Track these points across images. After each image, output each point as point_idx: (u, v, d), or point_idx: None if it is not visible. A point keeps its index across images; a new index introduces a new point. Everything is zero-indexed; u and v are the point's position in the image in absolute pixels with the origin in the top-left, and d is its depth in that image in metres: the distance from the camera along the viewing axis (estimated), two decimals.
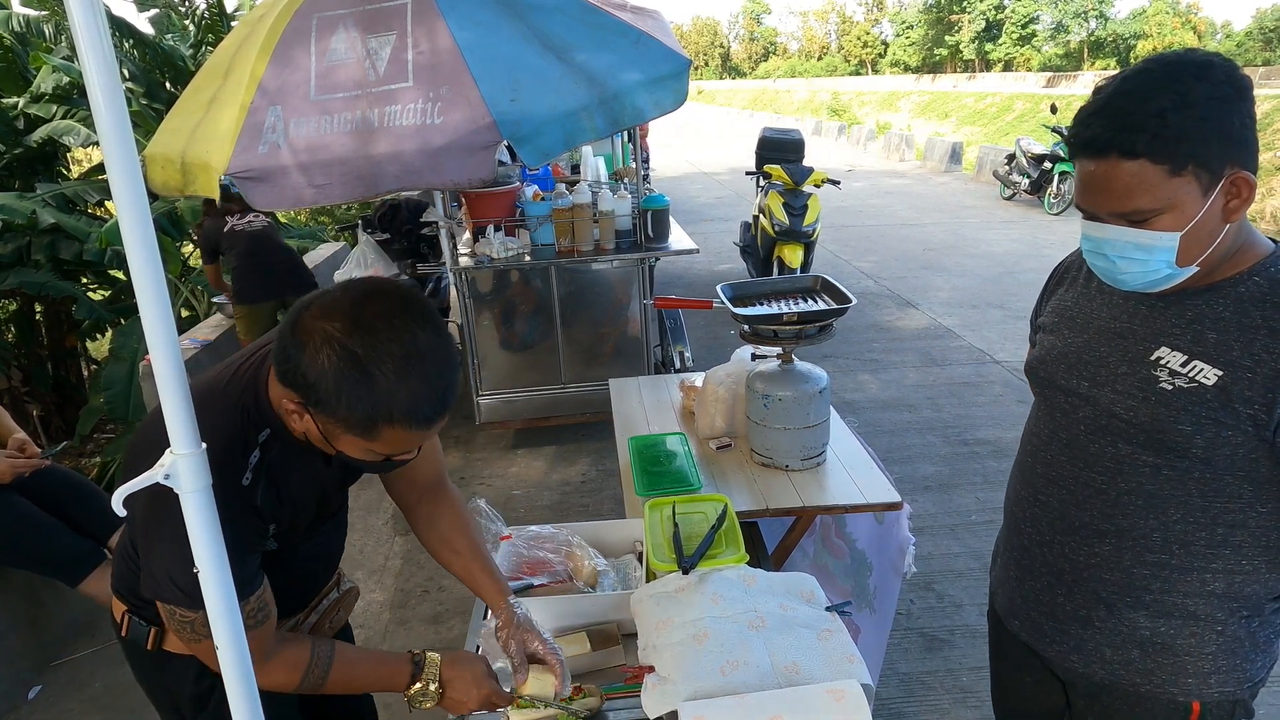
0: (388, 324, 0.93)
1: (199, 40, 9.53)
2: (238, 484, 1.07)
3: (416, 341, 0.94)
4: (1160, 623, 1.17)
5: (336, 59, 2.49)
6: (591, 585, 1.65)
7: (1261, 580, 1.13)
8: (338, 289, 0.97)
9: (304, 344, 0.93)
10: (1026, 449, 1.33)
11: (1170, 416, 1.08)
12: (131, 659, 1.31)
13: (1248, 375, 1.03)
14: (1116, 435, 1.15)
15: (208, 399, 1.07)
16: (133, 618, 1.26)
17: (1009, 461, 1.24)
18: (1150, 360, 1.11)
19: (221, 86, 2.59)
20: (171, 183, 2.51)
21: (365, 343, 0.91)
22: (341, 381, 0.92)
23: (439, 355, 0.96)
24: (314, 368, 0.92)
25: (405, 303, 0.96)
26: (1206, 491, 1.10)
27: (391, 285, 0.98)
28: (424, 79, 2.43)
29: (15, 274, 6.48)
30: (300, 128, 2.39)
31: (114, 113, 0.75)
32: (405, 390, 0.93)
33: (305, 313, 0.95)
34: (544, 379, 4.02)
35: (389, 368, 0.92)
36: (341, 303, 0.94)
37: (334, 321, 0.92)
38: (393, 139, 2.37)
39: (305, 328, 0.94)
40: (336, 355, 0.91)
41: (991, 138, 25.05)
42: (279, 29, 2.53)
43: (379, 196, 2.49)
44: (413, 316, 0.95)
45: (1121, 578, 1.18)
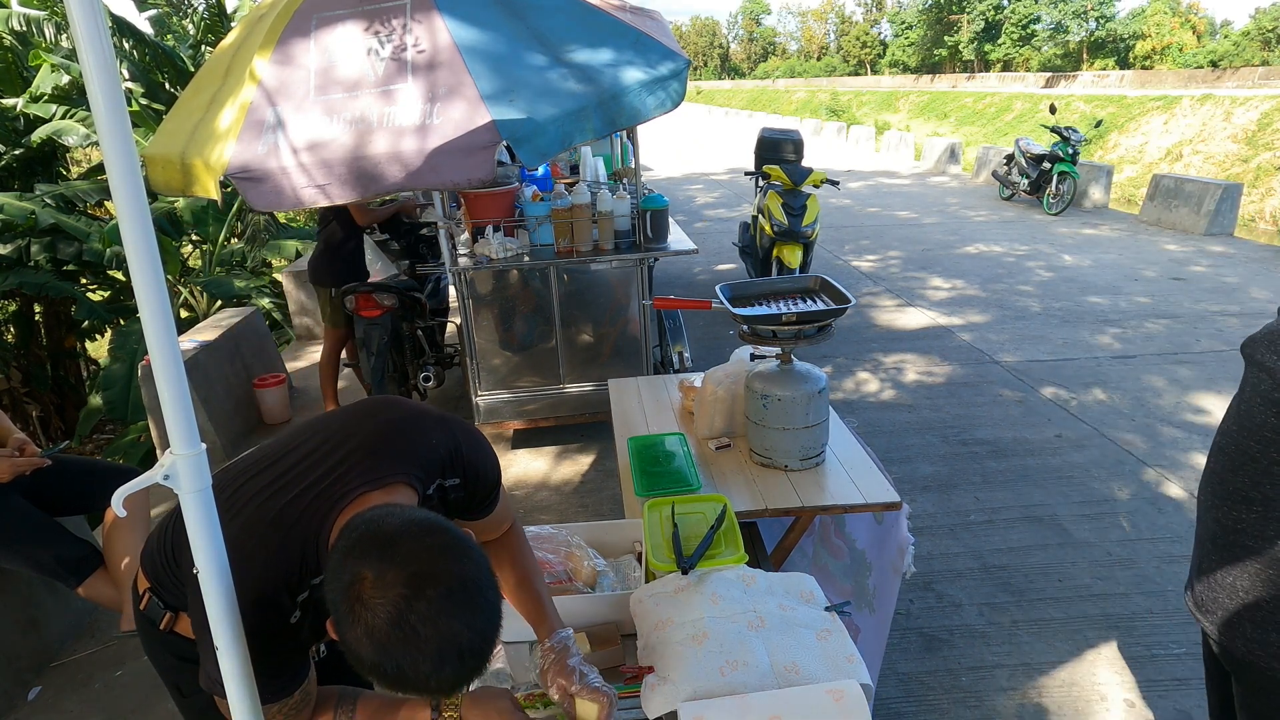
0: (431, 625, 0.92)
1: (199, 40, 9.53)
2: (285, 622, 1.09)
3: (456, 639, 0.93)
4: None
5: (336, 59, 2.49)
6: (591, 586, 1.65)
7: None
8: (393, 557, 0.94)
9: (349, 624, 0.93)
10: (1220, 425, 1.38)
11: None
12: (143, 631, 1.36)
13: None
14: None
15: (273, 531, 1.09)
16: (153, 596, 1.31)
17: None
18: None
19: (221, 86, 2.59)
20: (173, 183, 2.51)
21: (403, 645, 0.92)
22: (376, 667, 0.94)
23: (478, 647, 0.96)
24: (355, 645, 0.94)
25: (457, 592, 0.94)
26: None
27: (447, 564, 0.95)
28: (423, 79, 2.44)
29: (15, 274, 6.49)
30: (300, 127, 2.39)
31: (114, 113, 0.75)
32: (435, 682, 0.94)
33: (358, 584, 0.93)
34: (543, 379, 4.02)
35: (424, 666, 0.93)
36: (391, 591, 0.92)
37: (378, 616, 0.91)
38: (392, 139, 2.37)
39: (352, 606, 0.93)
40: (375, 648, 0.92)
41: (990, 138, 25.07)
42: (279, 29, 2.53)
43: (377, 196, 2.48)
44: (460, 610, 0.94)
45: (1264, 547, 1.21)
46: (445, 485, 1.23)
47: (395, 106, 2.40)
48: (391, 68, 2.46)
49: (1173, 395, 4.50)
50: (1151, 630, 2.65)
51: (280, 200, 2.38)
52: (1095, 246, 8.23)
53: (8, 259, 6.60)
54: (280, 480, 1.15)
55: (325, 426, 1.24)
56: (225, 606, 0.96)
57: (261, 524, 1.09)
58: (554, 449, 4.15)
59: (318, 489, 1.12)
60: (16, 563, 2.41)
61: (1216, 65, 35.24)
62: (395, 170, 2.34)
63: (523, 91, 2.43)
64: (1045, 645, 2.61)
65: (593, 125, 2.49)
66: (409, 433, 1.21)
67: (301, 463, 1.16)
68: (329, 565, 0.99)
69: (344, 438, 1.19)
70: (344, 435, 1.20)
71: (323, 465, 1.15)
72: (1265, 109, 17.53)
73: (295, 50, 2.51)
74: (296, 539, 1.09)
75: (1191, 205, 8.71)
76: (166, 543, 1.28)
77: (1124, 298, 6.37)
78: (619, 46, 2.68)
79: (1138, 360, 5.05)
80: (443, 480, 1.22)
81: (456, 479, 1.24)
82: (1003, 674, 2.49)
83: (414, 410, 1.26)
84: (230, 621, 0.97)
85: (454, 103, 2.39)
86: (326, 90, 2.45)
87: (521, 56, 2.52)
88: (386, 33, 2.50)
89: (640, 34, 2.74)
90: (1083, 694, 2.40)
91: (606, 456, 4.02)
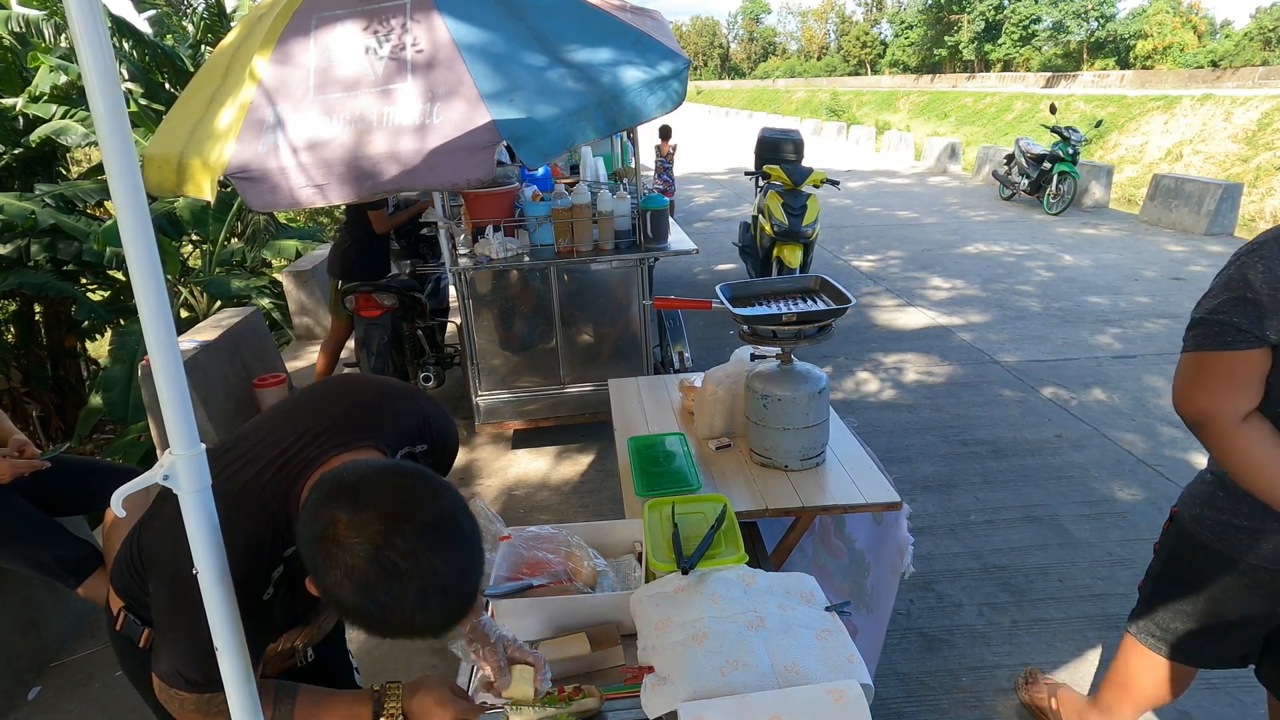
0: (411, 560, 0.90)
1: (198, 40, 9.53)
2: (258, 598, 1.08)
3: (438, 574, 0.92)
4: None
5: (336, 58, 2.49)
6: (591, 586, 1.65)
7: None
8: (366, 497, 0.93)
9: (327, 567, 0.92)
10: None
11: None
12: (120, 652, 1.34)
13: None
14: None
15: (240, 504, 1.07)
16: (128, 614, 1.28)
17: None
18: None
19: (221, 86, 2.59)
20: (166, 183, 2.51)
21: (385, 584, 0.90)
22: (360, 611, 0.93)
23: (459, 583, 0.95)
24: (335, 591, 0.93)
25: (433, 527, 0.93)
26: None
27: (422, 501, 0.94)
28: (423, 79, 2.44)
29: (15, 274, 6.49)
30: (299, 127, 2.39)
31: (113, 113, 0.75)
32: (421, 620, 0.93)
33: (332, 526, 0.92)
34: (543, 379, 4.02)
35: (408, 604, 0.91)
36: (366, 530, 0.91)
37: (356, 557, 0.90)
38: (391, 139, 2.36)
39: (328, 551, 0.92)
40: (357, 591, 0.91)
41: (990, 138, 25.08)
42: (279, 28, 2.53)
43: (376, 196, 2.48)
44: (438, 545, 0.93)
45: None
46: (415, 452, 1.25)
47: (395, 106, 2.40)
48: (391, 67, 2.46)
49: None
50: None
51: (278, 200, 2.38)
52: (1095, 246, 8.23)
53: (8, 259, 6.60)
54: (248, 455, 1.14)
55: (292, 403, 1.25)
56: (225, 607, 0.96)
57: (229, 496, 1.06)
58: (554, 449, 4.15)
59: (285, 458, 1.12)
60: (16, 563, 2.41)
61: (1217, 65, 35.24)
62: (394, 170, 2.34)
63: (523, 91, 2.43)
64: (1045, 645, 2.61)
65: (594, 125, 2.49)
66: (376, 403, 1.23)
67: (269, 437, 1.16)
68: (301, 520, 0.97)
69: (310, 410, 1.20)
70: (311, 409, 1.21)
71: (289, 436, 1.15)
72: (1265, 109, 17.53)
73: (295, 50, 2.51)
74: (266, 508, 1.08)
75: (1192, 205, 8.71)
76: (135, 557, 1.24)
77: (1124, 298, 6.37)
78: (619, 46, 2.67)
79: (1138, 360, 5.05)
80: (412, 448, 1.25)
81: (425, 445, 1.27)
82: (1003, 674, 2.49)
83: (380, 383, 1.29)
84: (230, 622, 0.97)
85: (454, 102, 2.39)
86: (326, 90, 2.45)
87: (521, 56, 2.52)
88: (386, 32, 2.50)
89: (640, 34, 2.74)
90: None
91: (606, 456, 4.02)
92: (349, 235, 4.57)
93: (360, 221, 4.49)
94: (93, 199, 7.30)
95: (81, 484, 2.47)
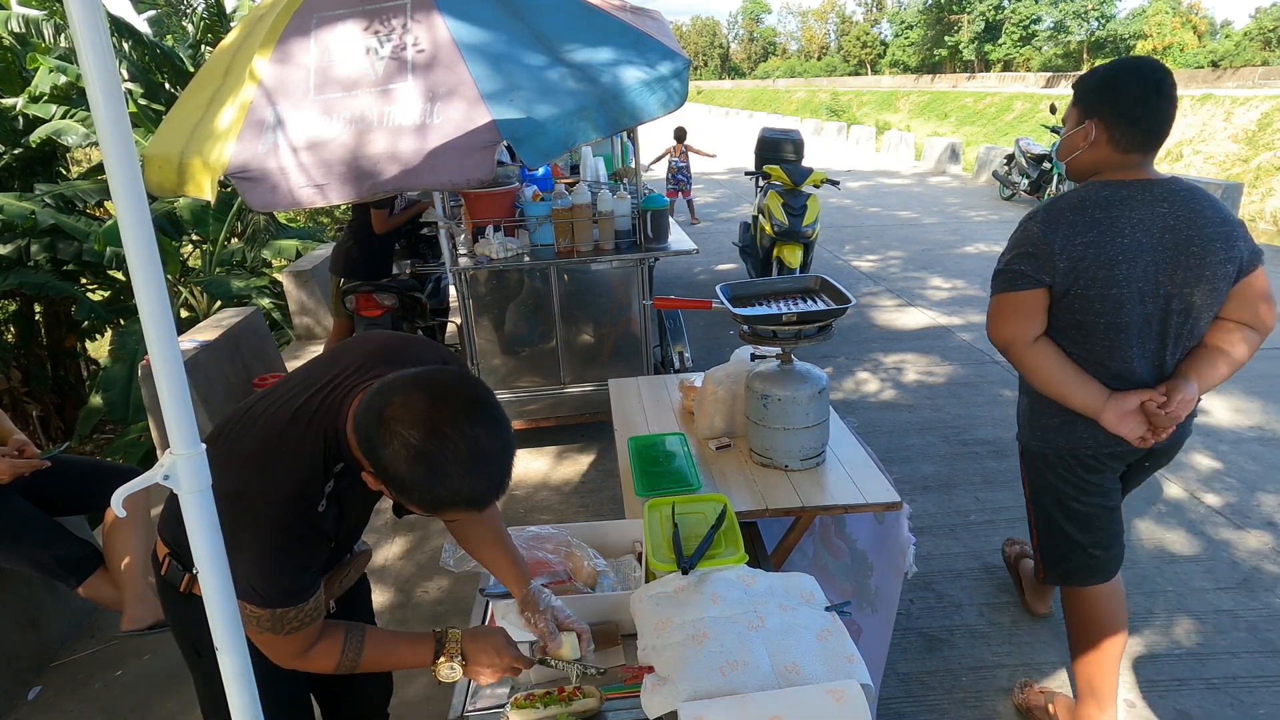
0: (457, 429, 1.05)
1: (198, 40, 9.53)
2: (313, 512, 1.20)
3: (480, 443, 1.07)
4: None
5: (336, 58, 2.49)
6: (591, 586, 1.65)
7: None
8: (415, 383, 1.09)
9: (385, 443, 1.05)
10: None
11: None
12: (164, 596, 1.46)
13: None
14: None
15: (293, 427, 1.21)
16: (173, 560, 1.40)
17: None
18: None
19: (221, 85, 2.59)
20: (166, 184, 2.51)
21: (436, 448, 1.04)
22: (416, 481, 1.06)
23: (500, 454, 1.10)
24: (393, 465, 1.05)
25: (474, 405, 1.09)
26: None
27: (462, 387, 1.10)
28: (423, 78, 2.43)
29: (15, 274, 6.49)
30: (300, 126, 2.39)
31: (114, 113, 0.75)
32: (468, 486, 1.07)
33: (387, 407, 1.06)
34: (544, 379, 4.02)
35: (456, 470, 1.05)
36: (418, 406, 1.05)
37: (411, 429, 1.04)
38: (391, 138, 2.36)
39: (386, 426, 1.05)
40: (412, 459, 1.04)
41: (990, 138, 25.08)
42: (279, 28, 2.53)
43: (376, 196, 2.48)
44: (479, 419, 1.08)
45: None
46: None
47: (395, 106, 2.40)
48: (391, 67, 2.46)
49: None
50: (1151, 630, 2.65)
51: (278, 200, 2.38)
52: None
53: (8, 259, 6.60)
54: (291, 392, 1.27)
55: (323, 356, 1.38)
56: (225, 607, 0.96)
57: (281, 423, 1.21)
58: (554, 449, 4.15)
59: (329, 389, 1.25)
60: (16, 563, 2.41)
61: (1217, 65, 35.23)
62: (395, 170, 2.34)
63: (523, 91, 2.42)
64: (1045, 645, 2.61)
65: (595, 125, 2.48)
66: (399, 347, 1.36)
67: (307, 378, 1.29)
68: (357, 416, 1.11)
69: (341, 355, 1.33)
70: (341, 354, 1.34)
71: (328, 374, 1.28)
72: (1265, 109, 17.52)
73: (295, 49, 2.51)
74: (316, 428, 1.20)
75: None
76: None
77: None
78: (619, 46, 2.67)
79: None
80: None
81: None
82: (1003, 674, 2.49)
83: (401, 334, 1.43)
84: (230, 621, 0.97)
85: (454, 102, 2.38)
86: (326, 89, 2.45)
87: (522, 56, 2.52)
88: (386, 32, 2.50)
89: (640, 33, 2.74)
90: None
91: (606, 456, 4.02)
92: (352, 234, 4.57)
93: (364, 220, 4.49)
94: (93, 199, 7.30)
95: (82, 484, 2.48)
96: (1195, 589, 2.85)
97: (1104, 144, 1.79)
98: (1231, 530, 3.20)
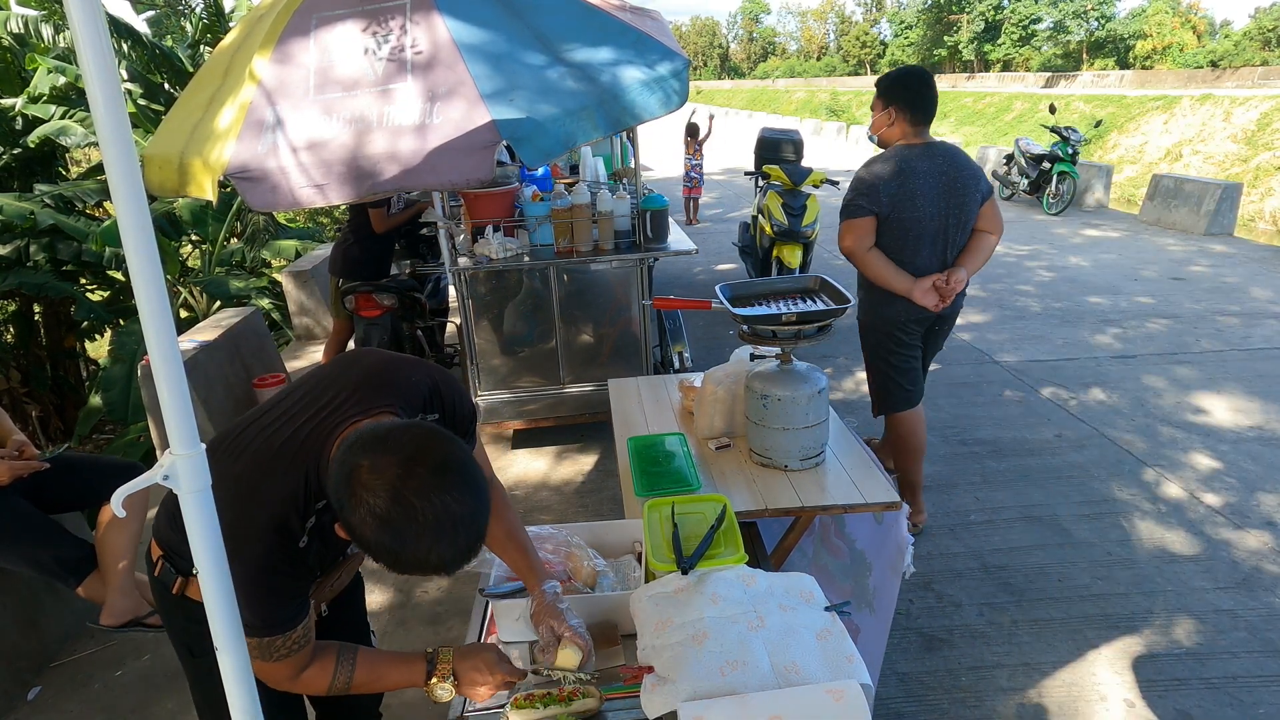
0: (424, 499, 1.02)
1: (196, 39, 9.52)
2: (294, 548, 1.19)
3: (449, 511, 1.03)
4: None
5: (336, 58, 2.49)
6: (591, 586, 1.65)
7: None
8: (385, 445, 1.05)
9: (352, 508, 1.03)
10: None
11: None
12: (157, 596, 1.47)
13: None
14: None
15: (276, 461, 1.20)
16: (165, 562, 1.40)
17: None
18: None
19: (221, 86, 2.59)
20: (167, 184, 2.51)
21: (402, 518, 1.01)
22: (382, 547, 1.04)
23: (470, 521, 1.06)
24: (359, 529, 1.04)
25: (445, 470, 1.04)
26: None
27: (433, 450, 1.06)
28: (423, 78, 2.43)
29: (14, 275, 6.48)
30: (299, 126, 2.38)
31: (113, 113, 0.75)
32: (435, 555, 1.04)
33: (356, 472, 1.04)
34: (543, 379, 4.02)
35: (423, 539, 1.02)
36: (386, 472, 1.02)
37: (377, 496, 1.02)
38: (391, 138, 2.36)
39: (354, 491, 1.03)
40: (378, 526, 1.02)
41: (990, 138, 25.07)
42: (279, 28, 2.53)
43: (376, 197, 2.48)
44: (450, 485, 1.04)
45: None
46: (427, 420, 1.34)
47: (395, 106, 2.40)
48: (391, 67, 2.46)
49: (1173, 395, 4.50)
50: (1151, 630, 2.65)
51: (278, 200, 2.37)
52: (1095, 246, 8.23)
53: (7, 259, 6.60)
54: (278, 422, 1.26)
55: (315, 376, 1.36)
56: (225, 606, 0.96)
57: (267, 456, 1.21)
58: (554, 449, 4.15)
59: (314, 422, 1.24)
60: (16, 563, 2.40)
61: (1216, 65, 35.24)
62: (394, 170, 2.34)
63: (523, 91, 2.42)
64: (1045, 645, 2.61)
65: (594, 124, 2.48)
66: (391, 372, 1.34)
67: (296, 405, 1.29)
68: (330, 470, 1.10)
69: (332, 381, 1.31)
70: (332, 380, 1.32)
71: (316, 404, 1.27)
72: (1265, 109, 17.53)
73: (295, 50, 2.50)
74: (299, 465, 1.20)
75: (1191, 205, 8.71)
76: (175, 509, 1.34)
77: (1124, 298, 6.38)
78: (619, 45, 2.67)
79: (1138, 360, 5.05)
80: (424, 414, 1.34)
81: (436, 414, 1.36)
82: (1003, 674, 2.49)
83: (392, 355, 1.40)
84: (230, 621, 0.97)
85: (454, 102, 2.38)
86: (326, 90, 2.45)
87: (521, 56, 2.52)
88: (386, 32, 2.50)
89: (640, 33, 2.74)
90: (1083, 694, 2.40)
91: (606, 456, 4.02)
92: (351, 234, 4.56)
93: (363, 220, 4.48)
94: (92, 199, 7.30)
95: (82, 479, 2.47)
96: (1195, 589, 2.85)
97: (902, 122, 2.75)
98: (1231, 530, 3.20)
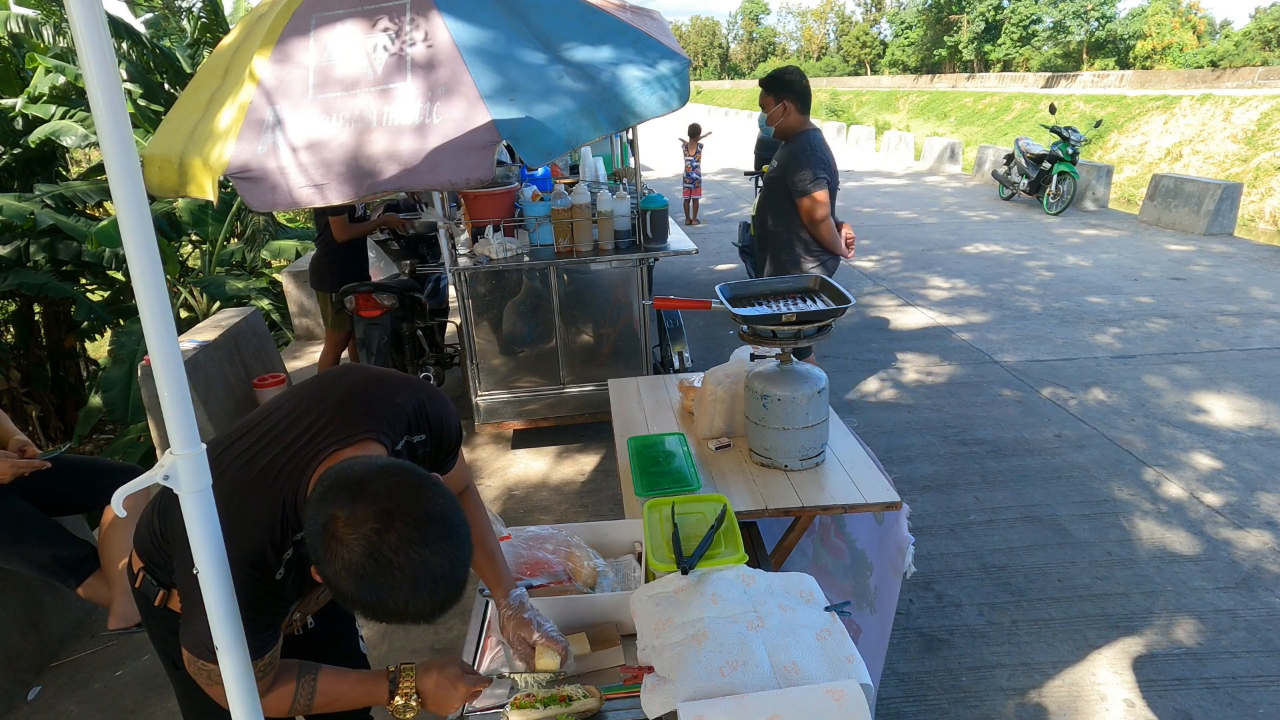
0: (402, 554, 0.98)
1: (196, 39, 9.52)
2: (270, 580, 1.15)
3: (427, 566, 0.99)
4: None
5: (336, 58, 2.49)
6: (591, 586, 1.65)
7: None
8: (362, 497, 1.00)
9: (328, 561, 1.00)
10: None
11: None
12: (140, 607, 1.44)
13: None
14: None
15: (253, 490, 1.16)
16: (147, 575, 1.37)
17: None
18: None
19: (221, 85, 2.59)
20: (167, 184, 2.51)
21: (378, 574, 0.98)
22: (358, 599, 1.00)
23: (449, 574, 1.02)
24: (335, 581, 1.00)
25: (423, 523, 1.00)
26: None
27: (412, 501, 1.01)
28: (422, 78, 2.43)
29: (14, 275, 6.49)
30: (299, 126, 2.38)
31: (113, 113, 0.75)
32: (413, 609, 1.01)
33: (331, 523, 0.99)
34: (543, 379, 4.02)
35: (400, 594, 0.99)
36: (363, 526, 0.98)
37: (352, 551, 0.98)
38: (391, 138, 2.36)
39: (328, 544, 0.99)
40: (354, 580, 0.98)
41: (990, 138, 25.09)
42: (279, 28, 2.53)
43: (375, 196, 2.48)
44: (429, 540, 0.99)
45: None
46: (413, 441, 1.30)
47: (395, 106, 2.40)
48: (391, 67, 2.46)
49: (1173, 395, 4.50)
50: (1151, 630, 2.65)
51: (278, 200, 2.37)
52: (1095, 246, 8.23)
53: (7, 259, 6.60)
54: (257, 445, 1.22)
55: (297, 395, 1.31)
56: (225, 606, 0.96)
57: (242, 485, 1.16)
58: (554, 449, 4.15)
59: (292, 450, 1.19)
60: (16, 563, 2.41)
61: (1216, 65, 35.21)
62: (394, 169, 2.34)
63: (523, 91, 2.42)
64: (1045, 645, 2.61)
65: (594, 124, 2.48)
66: (376, 394, 1.28)
67: (276, 427, 1.24)
68: (306, 514, 1.05)
69: (314, 402, 1.26)
70: (315, 400, 1.27)
71: (296, 428, 1.22)
72: (1265, 109, 17.54)
73: (295, 49, 2.50)
74: (275, 496, 1.16)
75: (1191, 205, 8.71)
76: (155, 523, 1.33)
77: (1124, 297, 6.38)
78: (619, 45, 2.67)
79: (1138, 360, 5.05)
80: (410, 436, 1.29)
81: (423, 435, 1.32)
82: (1003, 674, 2.49)
83: (379, 374, 1.34)
84: (230, 621, 0.97)
85: (453, 102, 2.38)
86: (326, 89, 2.44)
87: (521, 55, 2.52)
88: (385, 32, 2.50)
89: (640, 33, 2.74)
90: (1083, 694, 2.40)
91: (606, 456, 4.02)
92: (320, 245, 4.48)
93: (326, 229, 4.39)
94: (92, 199, 7.30)
95: (83, 482, 2.47)
96: (1195, 589, 2.85)
97: (794, 111, 3.34)
98: (1231, 530, 3.20)
